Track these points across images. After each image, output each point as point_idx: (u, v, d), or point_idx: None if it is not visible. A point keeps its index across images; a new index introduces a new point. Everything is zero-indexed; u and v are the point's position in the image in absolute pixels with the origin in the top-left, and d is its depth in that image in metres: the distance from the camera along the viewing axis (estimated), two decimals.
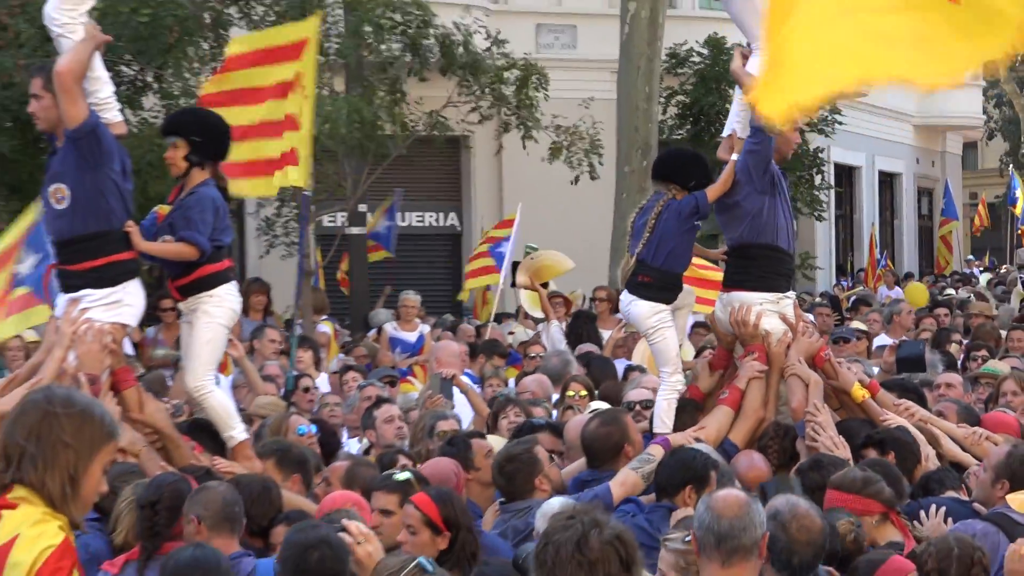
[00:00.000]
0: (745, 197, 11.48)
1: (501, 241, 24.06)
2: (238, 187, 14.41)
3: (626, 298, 11.90)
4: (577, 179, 29.42)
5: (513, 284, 24.91)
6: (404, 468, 10.16)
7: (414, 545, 8.15)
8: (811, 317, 16.72)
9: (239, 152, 14.07)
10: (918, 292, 34.29)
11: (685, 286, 12.06)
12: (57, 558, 5.29)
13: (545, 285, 23.03)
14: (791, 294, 11.92)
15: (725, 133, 11.86)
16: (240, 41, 16.70)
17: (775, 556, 7.49)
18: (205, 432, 11.00)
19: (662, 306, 11.65)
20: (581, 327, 21.25)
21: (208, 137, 11.07)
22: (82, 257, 10.42)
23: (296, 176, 14.63)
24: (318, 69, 16.38)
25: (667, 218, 11.52)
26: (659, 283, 11.64)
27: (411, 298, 22.50)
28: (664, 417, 11.52)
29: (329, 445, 12.60)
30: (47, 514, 5.37)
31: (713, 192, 11.41)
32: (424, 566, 6.57)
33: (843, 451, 10.13)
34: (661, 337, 11.66)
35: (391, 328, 21.44)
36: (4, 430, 5.52)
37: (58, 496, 5.42)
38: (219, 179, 11.23)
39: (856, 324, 21.35)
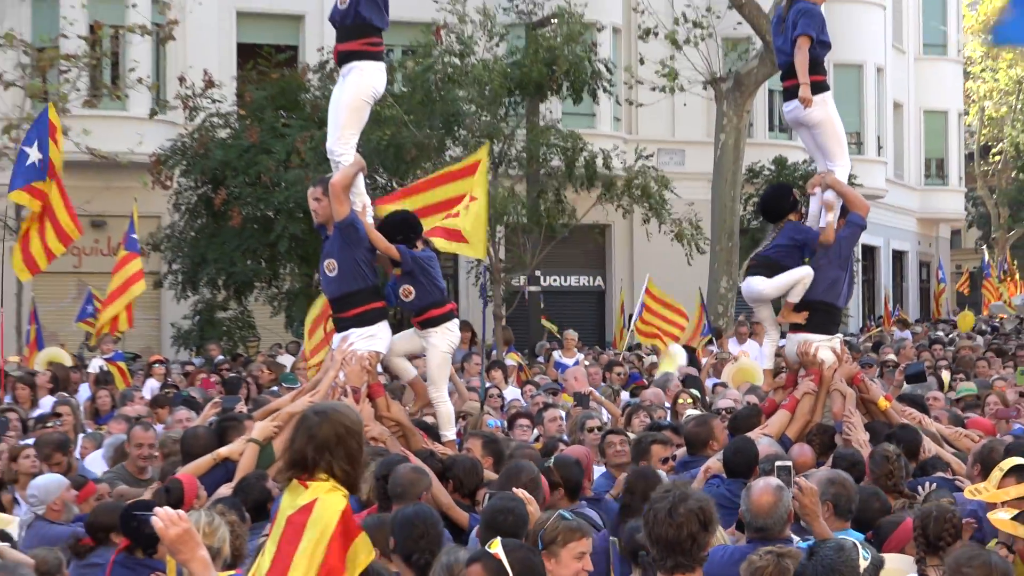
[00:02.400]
0: (828, 265, 11.25)
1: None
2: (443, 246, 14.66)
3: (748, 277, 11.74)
4: (690, 252, 29.36)
5: None
6: (561, 452, 10.21)
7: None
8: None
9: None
10: (967, 319, 33.89)
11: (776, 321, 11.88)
12: (347, 516, 5.38)
13: None
14: (839, 336, 11.76)
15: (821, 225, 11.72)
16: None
17: (840, 508, 7.82)
18: (429, 428, 11.09)
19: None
20: (688, 356, 21.19)
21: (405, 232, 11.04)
22: (349, 307, 10.51)
23: (476, 252, 14.66)
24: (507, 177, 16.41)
25: (784, 231, 11.44)
26: (768, 271, 11.37)
27: (571, 334, 22.57)
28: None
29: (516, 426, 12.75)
30: (334, 486, 5.42)
31: (822, 236, 11.31)
32: (563, 515, 6.57)
33: (867, 447, 10.01)
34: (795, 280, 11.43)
35: (557, 355, 21.48)
36: (293, 441, 5.57)
37: (341, 477, 5.47)
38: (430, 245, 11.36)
39: (890, 356, 21.21)
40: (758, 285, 11.44)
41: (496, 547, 5.82)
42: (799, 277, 11.22)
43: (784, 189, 12.07)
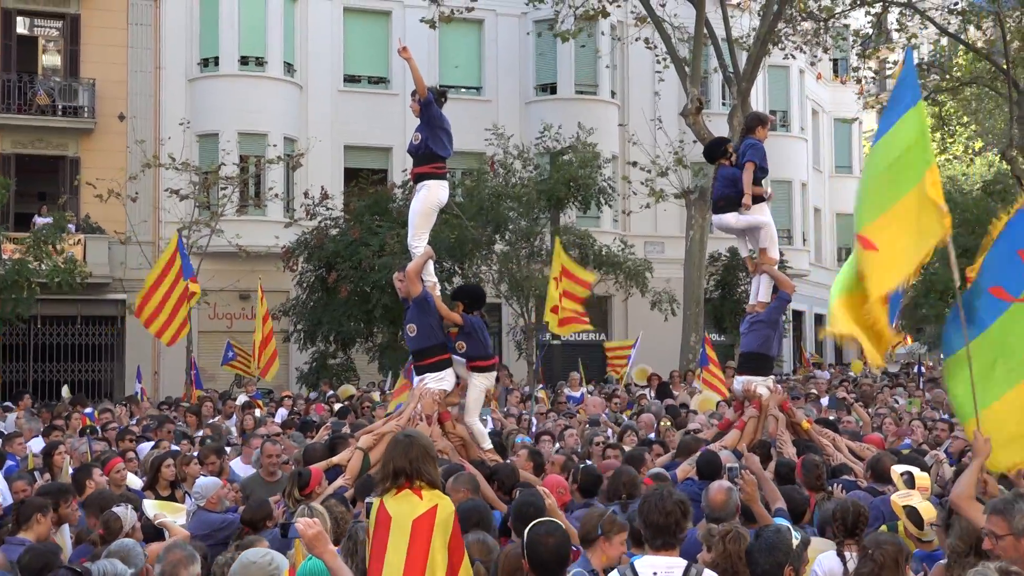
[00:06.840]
0: (763, 328, 11.20)
1: (630, 350, 24.04)
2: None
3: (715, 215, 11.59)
4: (666, 316, 29.26)
5: None
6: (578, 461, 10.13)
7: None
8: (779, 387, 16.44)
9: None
10: (857, 366, 33.28)
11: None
12: (456, 515, 5.33)
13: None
14: (772, 376, 11.67)
15: (760, 299, 11.56)
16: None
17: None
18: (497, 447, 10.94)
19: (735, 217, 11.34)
20: (665, 390, 21.06)
21: (472, 301, 10.94)
22: (424, 358, 10.43)
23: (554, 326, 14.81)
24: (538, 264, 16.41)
25: (720, 174, 11.44)
26: (728, 207, 11.33)
27: (575, 375, 22.31)
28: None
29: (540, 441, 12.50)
30: (441, 495, 5.36)
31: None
32: (616, 513, 6.55)
33: (794, 458, 9.93)
34: (756, 222, 11.35)
35: (567, 390, 21.31)
36: (392, 460, 5.40)
37: (431, 479, 5.35)
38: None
39: (812, 391, 20.95)
40: (728, 219, 11.33)
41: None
42: (763, 223, 11.28)
43: (721, 139, 12.02)
